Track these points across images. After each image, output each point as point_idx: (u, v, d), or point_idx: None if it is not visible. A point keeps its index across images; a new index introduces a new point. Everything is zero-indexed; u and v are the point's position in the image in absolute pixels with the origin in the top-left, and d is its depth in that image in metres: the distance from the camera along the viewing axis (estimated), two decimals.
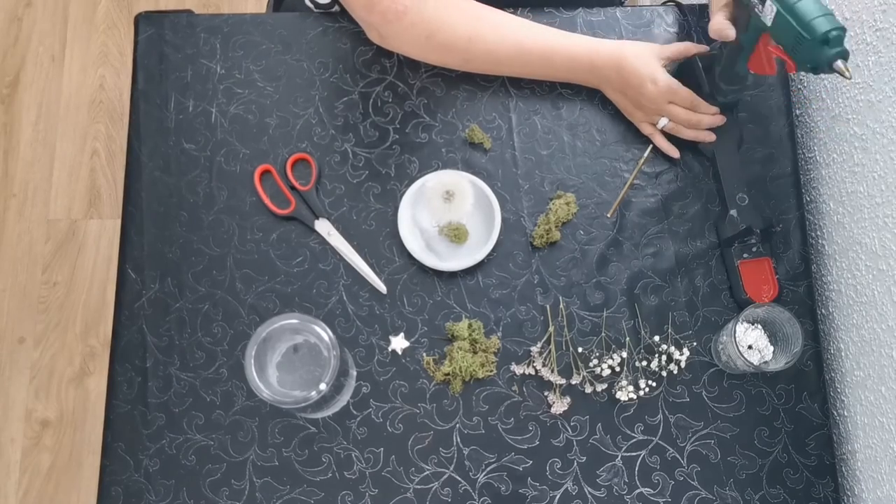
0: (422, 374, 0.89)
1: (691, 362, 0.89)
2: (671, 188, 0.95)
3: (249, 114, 0.96)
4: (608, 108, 0.96)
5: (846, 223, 0.90)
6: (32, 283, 1.75)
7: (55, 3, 1.89)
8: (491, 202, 0.90)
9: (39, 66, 1.86)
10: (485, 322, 0.90)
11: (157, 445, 0.87)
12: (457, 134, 0.95)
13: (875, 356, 0.84)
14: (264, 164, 0.94)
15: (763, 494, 0.87)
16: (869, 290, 0.86)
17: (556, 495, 0.86)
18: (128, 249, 0.92)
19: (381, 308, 0.91)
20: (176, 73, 0.97)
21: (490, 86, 0.97)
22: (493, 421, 0.88)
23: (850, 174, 0.89)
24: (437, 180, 0.86)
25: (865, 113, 0.85)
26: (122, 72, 1.86)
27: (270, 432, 0.87)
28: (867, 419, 0.86)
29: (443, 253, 0.91)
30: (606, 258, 0.92)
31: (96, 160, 1.81)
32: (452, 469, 0.87)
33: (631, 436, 0.88)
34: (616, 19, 0.99)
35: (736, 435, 0.88)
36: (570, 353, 0.89)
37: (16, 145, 1.82)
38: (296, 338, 0.81)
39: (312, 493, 0.86)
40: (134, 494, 0.86)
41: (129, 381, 0.89)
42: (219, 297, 0.91)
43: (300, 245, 0.92)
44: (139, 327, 0.90)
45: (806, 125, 0.99)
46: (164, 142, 0.95)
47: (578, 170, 0.95)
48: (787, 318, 0.82)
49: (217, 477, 0.87)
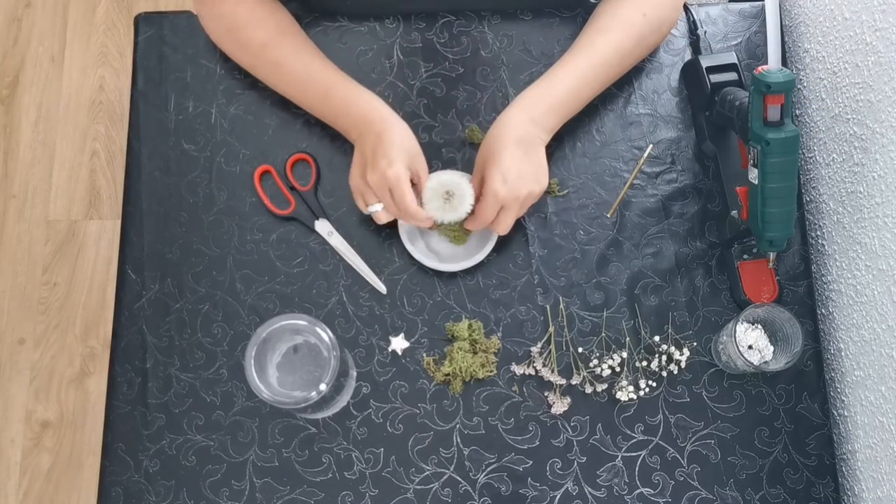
0: (422, 374, 0.89)
1: (691, 362, 0.89)
2: (671, 188, 0.95)
3: (249, 114, 0.96)
4: (608, 107, 0.96)
5: (846, 223, 0.90)
6: (32, 284, 1.75)
7: (55, 3, 1.90)
8: None
9: (39, 66, 1.86)
10: (485, 322, 0.90)
11: (158, 446, 0.87)
12: (457, 134, 0.95)
13: (875, 356, 0.84)
14: (264, 165, 0.94)
15: (763, 494, 0.87)
16: (869, 290, 0.86)
17: (556, 495, 0.86)
18: (128, 250, 0.92)
19: (381, 308, 0.91)
20: (176, 74, 0.97)
21: (490, 86, 0.97)
22: (494, 421, 0.88)
23: (850, 174, 0.89)
24: (437, 180, 0.87)
25: (865, 113, 0.85)
26: (122, 72, 1.86)
27: (270, 433, 0.87)
28: (867, 419, 0.86)
29: (443, 254, 0.91)
30: (606, 258, 0.92)
31: (96, 161, 1.82)
32: (453, 469, 0.87)
33: (631, 436, 0.88)
34: None
35: (736, 435, 0.88)
36: (570, 354, 0.89)
37: (15, 146, 1.82)
38: (296, 338, 0.81)
39: (313, 494, 0.86)
40: (134, 495, 0.86)
41: (129, 381, 0.89)
42: (219, 298, 0.91)
43: (300, 245, 0.92)
44: (139, 328, 0.90)
45: (806, 125, 0.99)
46: (163, 142, 0.95)
47: (578, 170, 0.95)
48: (787, 318, 0.82)
49: (217, 477, 0.87)
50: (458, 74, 0.97)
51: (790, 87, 0.75)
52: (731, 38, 0.99)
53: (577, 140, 0.95)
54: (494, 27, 0.98)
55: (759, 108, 0.77)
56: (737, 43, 0.98)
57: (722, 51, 0.97)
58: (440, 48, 0.97)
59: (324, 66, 0.90)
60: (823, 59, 0.94)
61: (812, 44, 0.97)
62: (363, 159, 0.85)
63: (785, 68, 0.78)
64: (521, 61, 0.97)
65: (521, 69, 0.97)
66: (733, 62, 0.92)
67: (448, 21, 0.98)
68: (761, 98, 0.76)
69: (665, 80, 0.97)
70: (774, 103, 0.75)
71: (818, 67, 0.96)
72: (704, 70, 0.91)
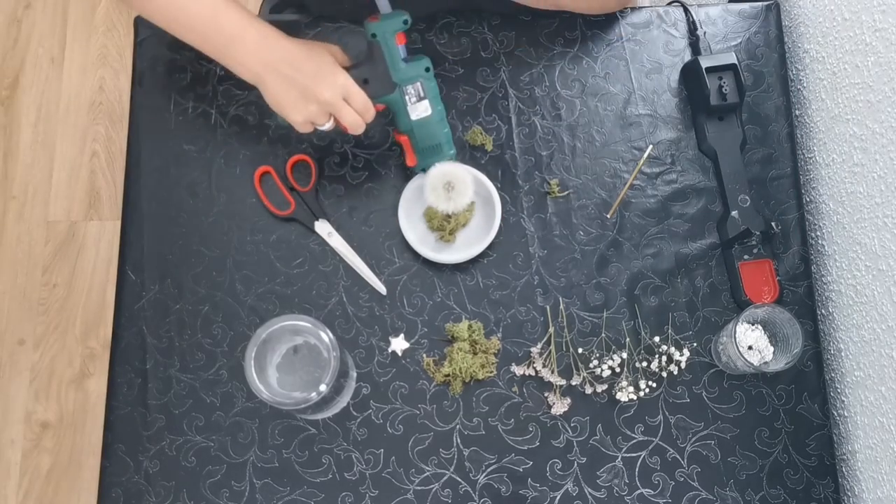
0: (422, 375, 0.89)
1: (691, 363, 0.89)
2: (671, 188, 0.95)
3: (249, 115, 0.96)
4: (608, 108, 0.96)
5: (846, 223, 0.90)
6: (32, 285, 1.74)
7: (54, 4, 1.89)
8: (492, 195, 0.90)
9: (39, 67, 1.86)
10: (485, 323, 0.90)
11: (157, 447, 0.87)
12: (456, 135, 0.95)
13: (875, 356, 0.84)
14: (264, 166, 0.94)
15: (763, 495, 0.87)
16: (869, 290, 0.86)
17: (556, 496, 0.86)
18: (127, 251, 0.92)
19: (380, 309, 0.91)
20: (176, 75, 0.97)
21: (490, 87, 0.97)
22: (494, 422, 0.88)
23: (850, 174, 0.89)
24: (441, 170, 0.87)
25: (865, 113, 0.85)
26: (122, 73, 1.86)
27: (270, 433, 0.87)
28: (867, 419, 0.86)
29: (443, 244, 0.91)
30: (606, 259, 0.92)
31: (96, 162, 1.81)
32: (453, 470, 0.87)
33: (631, 436, 0.88)
34: (616, 19, 0.99)
35: (736, 435, 0.88)
36: (570, 354, 0.89)
37: (15, 147, 1.82)
38: (296, 339, 0.81)
39: (313, 495, 0.86)
40: (134, 496, 0.86)
41: (129, 382, 0.89)
42: (219, 299, 0.91)
43: (300, 246, 0.92)
44: (139, 329, 0.90)
45: (806, 126, 0.99)
46: (163, 143, 0.95)
47: (578, 170, 0.95)
48: (787, 319, 0.82)
49: (217, 478, 0.86)
50: (457, 75, 0.97)
51: (398, 26, 0.83)
52: (731, 38, 0.99)
53: (577, 140, 0.95)
54: (494, 28, 0.98)
55: (396, 52, 0.83)
56: (736, 43, 0.98)
57: (722, 51, 0.97)
58: (440, 49, 0.97)
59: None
60: (823, 59, 0.94)
61: (812, 44, 0.97)
62: (296, 88, 0.80)
63: (390, 9, 0.83)
64: (521, 61, 0.97)
65: (521, 69, 0.97)
66: (733, 62, 0.92)
67: (448, 22, 0.98)
68: (394, 42, 0.83)
69: (665, 81, 0.97)
70: (401, 42, 0.84)
71: (818, 67, 0.96)
72: (704, 70, 0.92)
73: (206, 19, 0.81)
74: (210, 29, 0.81)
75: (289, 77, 0.80)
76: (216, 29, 0.81)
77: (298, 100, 0.81)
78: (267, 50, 0.81)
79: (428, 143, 0.88)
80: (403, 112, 0.86)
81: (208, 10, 0.81)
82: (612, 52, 0.98)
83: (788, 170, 0.95)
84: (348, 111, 0.82)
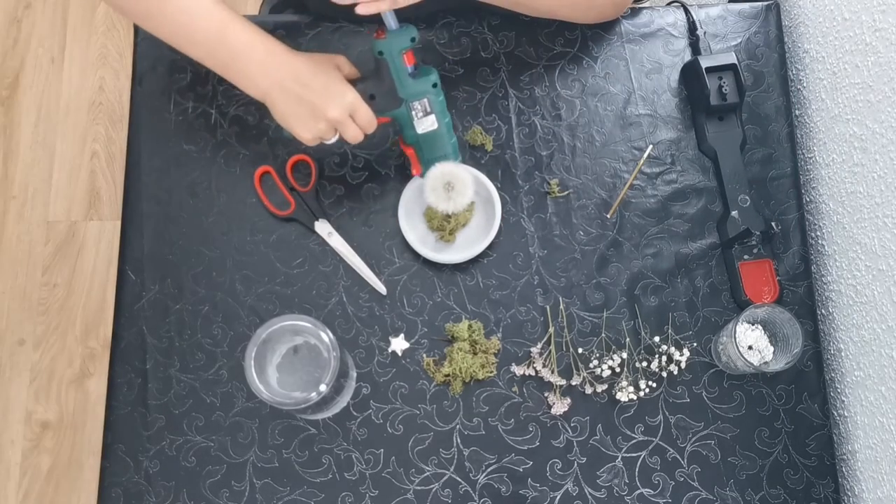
0: (422, 375, 0.89)
1: (691, 363, 0.89)
2: (671, 189, 0.95)
3: (249, 115, 0.96)
4: (608, 108, 0.96)
5: (846, 223, 0.90)
6: (32, 285, 1.74)
7: (54, 4, 1.89)
8: (492, 195, 0.90)
9: (39, 67, 1.86)
10: (485, 323, 0.90)
11: (158, 447, 0.87)
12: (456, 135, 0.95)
13: (875, 356, 0.84)
14: (264, 166, 0.94)
15: (763, 495, 0.87)
16: (869, 290, 0.86)
17: (556, 496, 0.86)
18: (127, 251, 0.92)
19: (380, 309, 0.91)
20: (175, 75, 0.97)
21: (490, 87, 0.97)
22: (494, 422, 0.88)
23: (850, 174, 0.89)
24: (441, 170, 0.87)
25: (865, 113, 0.85)
26: (122, 73, 1.86)
27: (270, 434, 0.87)
28: (867, 419, 0.86)
29: (443, 245, 0.91)
30: (606, 259, 0.92)
31: (96, 162, 1.81)
32: (453, 470, 0.87)
33: (631, 436, 0.88)
34: (616, 19, 0.99)
35: (736, 435, 0.88)
36: (570, 354, 0.89)
37: (15, 147, 1.82)
38: (296, 339, 0.81)
39: (313, 495, 0.86)
40: (134, 496, 0.86)
41: (129, 382, 0.89)
42: (219, 299, 0.91)
43: (300, 246, 0.92)
44: (139, 329, 0.90)
45: (806, 126, 0.99)
46: (163, 143, 0.95)
47: (578, 170, 0.95)
48: (787, 319, 0.82)
49: (217, 478, 0.86)
50: (457, 75, 0.97)
51: (405, 44, 0.81)
52: (731, 38, 0.99)
53: (577, 140, 0.95)
54: (494, 28, 0.98)
55: (403, 69, 0.82)
56: (736, 43, 0.98)
57: (721, 51, 0.97)
58: (440, 49, 0.97)
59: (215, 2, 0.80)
60: (823, 59, 0.94)
61: (812, 44, 0.97)
62: (305, 106, 0.80)
63: (397, 26, 0.81)
64: (521, 61, 0.97)
65: (521, 69, 0.97)
66: (733, 63, 0.92)
67: (448, 22, 0.98)
68: (402, 59, 0.82)
69: (665, 81, 0.97)
70: (411, 63, 0.83)
71: (818, 67, 0.96)
72: (704, 70, 0.92)
73: (212, 35, 0.80)
74: (216, 44, 0.81)
75: (297, 94, 0.80)
76: (223, 44, 0.80)
77: (307, 117, 0.81)
78: (274, 66, 0.80)
79: (434, 154, 0.87)
80: (410, 126, 0.85)
81: (215, 26, 0.80)
82: (612, 52, 0.98)
83: (788, 170, 0.95)
84: (353, 127, 0.82)
